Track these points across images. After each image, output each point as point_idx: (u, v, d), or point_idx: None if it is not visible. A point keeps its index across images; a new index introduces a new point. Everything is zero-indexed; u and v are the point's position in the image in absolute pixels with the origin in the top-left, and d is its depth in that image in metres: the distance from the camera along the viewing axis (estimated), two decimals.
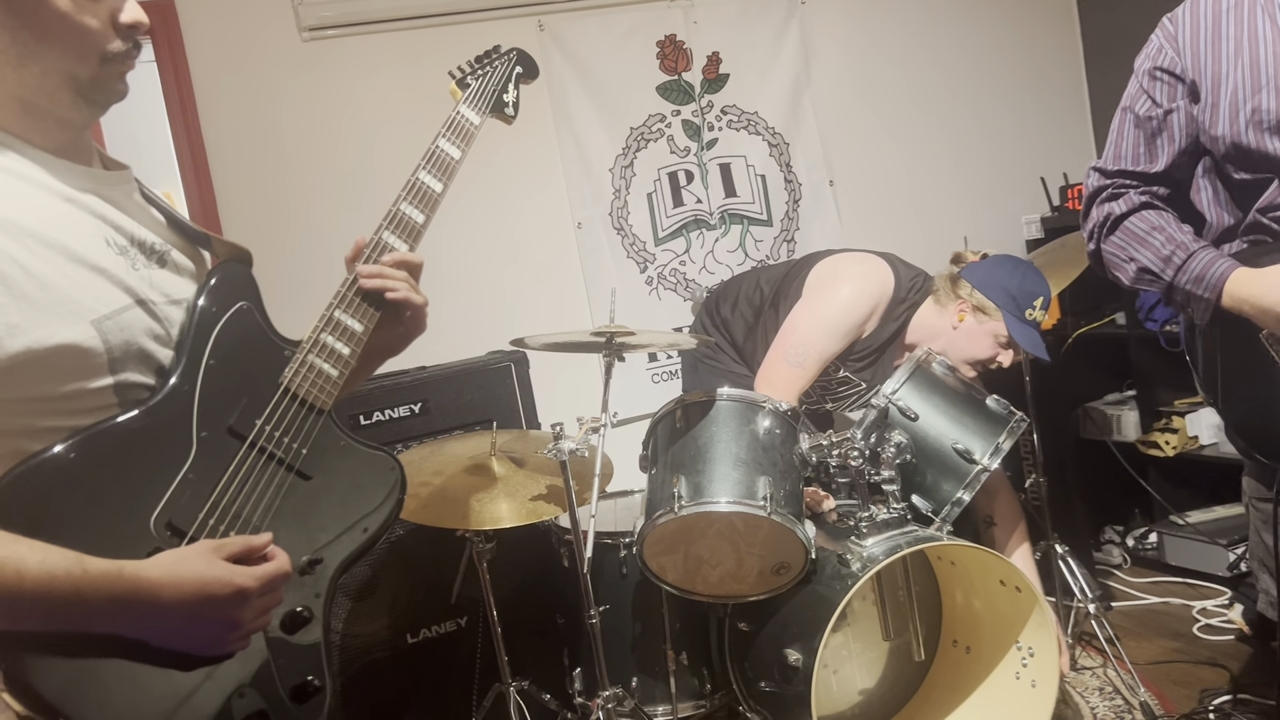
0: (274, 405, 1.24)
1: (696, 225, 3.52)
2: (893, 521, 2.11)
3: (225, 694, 1.13)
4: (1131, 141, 1.76)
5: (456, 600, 2.49)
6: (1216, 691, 2.53)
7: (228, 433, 1.20)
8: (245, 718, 1.13)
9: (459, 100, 1.54)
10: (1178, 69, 1.69)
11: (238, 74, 3.03)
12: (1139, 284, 1.75)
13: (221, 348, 1.22)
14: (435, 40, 3.21)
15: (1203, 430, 3.35)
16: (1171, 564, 3.35)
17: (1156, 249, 1.70)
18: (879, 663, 2.34)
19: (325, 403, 1.27)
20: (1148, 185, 1.75)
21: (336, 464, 1.29)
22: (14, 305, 1.04)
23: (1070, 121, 4.06)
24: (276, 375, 1.25)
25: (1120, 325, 3.50)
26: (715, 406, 2.14)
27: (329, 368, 1.28)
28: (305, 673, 1.19)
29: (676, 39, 3.48)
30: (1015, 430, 2.23)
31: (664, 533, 2.06)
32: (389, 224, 1.38)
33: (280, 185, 3.07)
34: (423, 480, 2.20)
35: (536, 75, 1.66)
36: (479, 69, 1.60)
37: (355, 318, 1.32)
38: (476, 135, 1.53)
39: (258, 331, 1.28)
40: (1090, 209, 1.81)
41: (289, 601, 1.20)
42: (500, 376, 2.71)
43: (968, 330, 2.43)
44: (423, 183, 1.42)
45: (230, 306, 1.25)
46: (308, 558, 1.23)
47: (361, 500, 1.31)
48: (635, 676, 2.33)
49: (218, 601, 1.07)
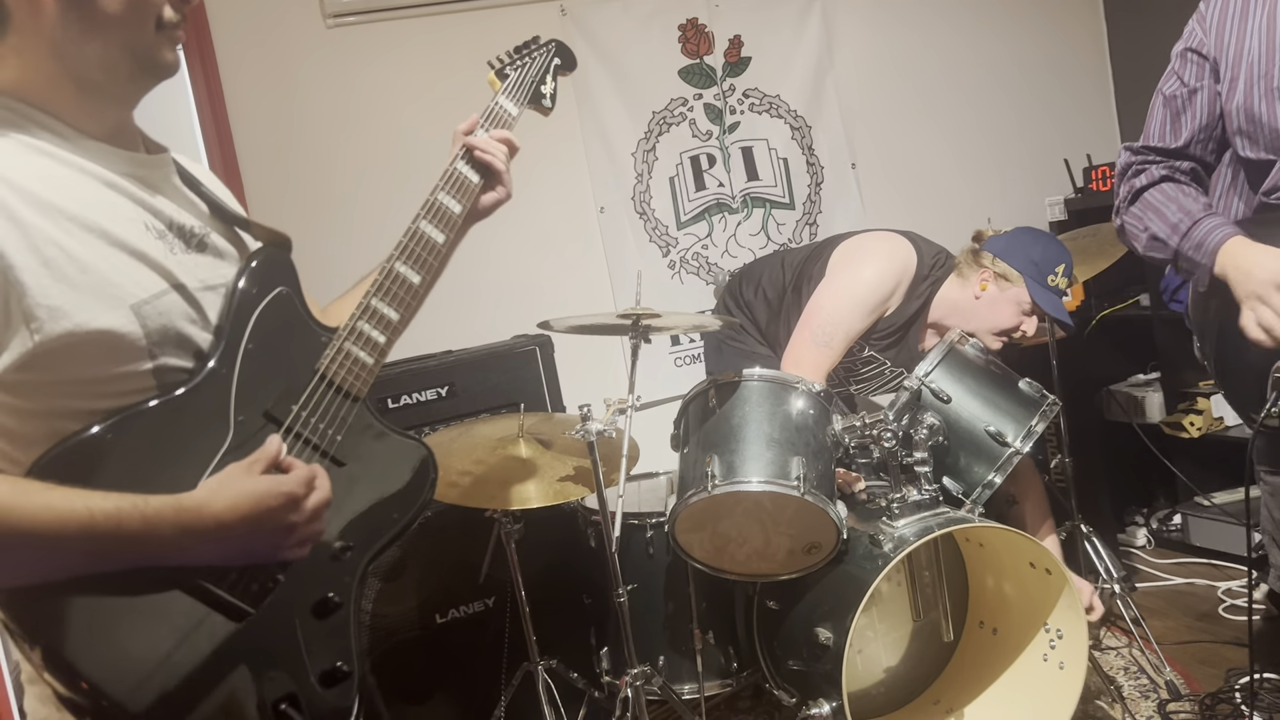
0: (310, 391, 1.24)
1: (719, 209, 3.52)
2: (925, 503, 2.11)
3: (258, 677, 1.13)
4: (1159, 120, 1.83)
5: (484, 580, 2.51)
6: (1242, 671, 2.53)
7: (264, 417, 1.20)
8: (276, 700, 1.14)
9: (497, 90, 1.54)
10: (1205, 49, 1.76)
11: (263, 61, 3.05)
12: (1150, 252, 1.80)
13: (260, 332, 1.22)
14: (458, 26, 3.21)
15: (1228, 411, 3.34)
16: (1196, 545, 3.34)
17: (1167, 217, 1.75)
18: (903, 643, 2.35)
19: (361, 390, 1.28)
20: (1170, 160, 1.81)
21: (370, 451, 1.29)
22: (56, 288, 1.05)
23: (1094, 101, 4.03)
24: (313, 361, 1.25)
25: (1144, 307, 3.49)
26: (748, 387, 2.14)
27: (365, 355, 1.28)
28: (335, 658, 1.20)
29: (698, 22, 3.47)
30: (1048, 413, 2.23)
31: (693, 511, 2.08)
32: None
33: (306, 171, 3.08)
34: (458, 465, 2.21)
35: (575, 67, 1.66)
36: (518, 59, 1.60)
37: (392, 306, 1.32)
38: (514, 126, 1.55)
39: (296, 317, 1.28)
40: (1118, 185, 1.88)
41: (320, 587, 1.21)
42: (526, 360, 2.72)
43: (990, 299, 2.43)
44: (464, 175, 1.46)
45: (269, 291, 1.25)
46: (340, 544, 1.24)
47: (394, 488, 1.32)
48: (662, 655, 2.34)
49: (274, 510, 1.11)
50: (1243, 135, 1.70)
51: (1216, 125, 1.77)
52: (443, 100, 3.11)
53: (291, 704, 1.15)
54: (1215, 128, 1.77)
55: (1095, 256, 2.87)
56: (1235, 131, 1.72)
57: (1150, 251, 1.80)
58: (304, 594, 1.19)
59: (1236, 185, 1.78)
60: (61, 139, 1.12)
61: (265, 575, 1.16)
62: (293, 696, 1.15)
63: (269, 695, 1.13)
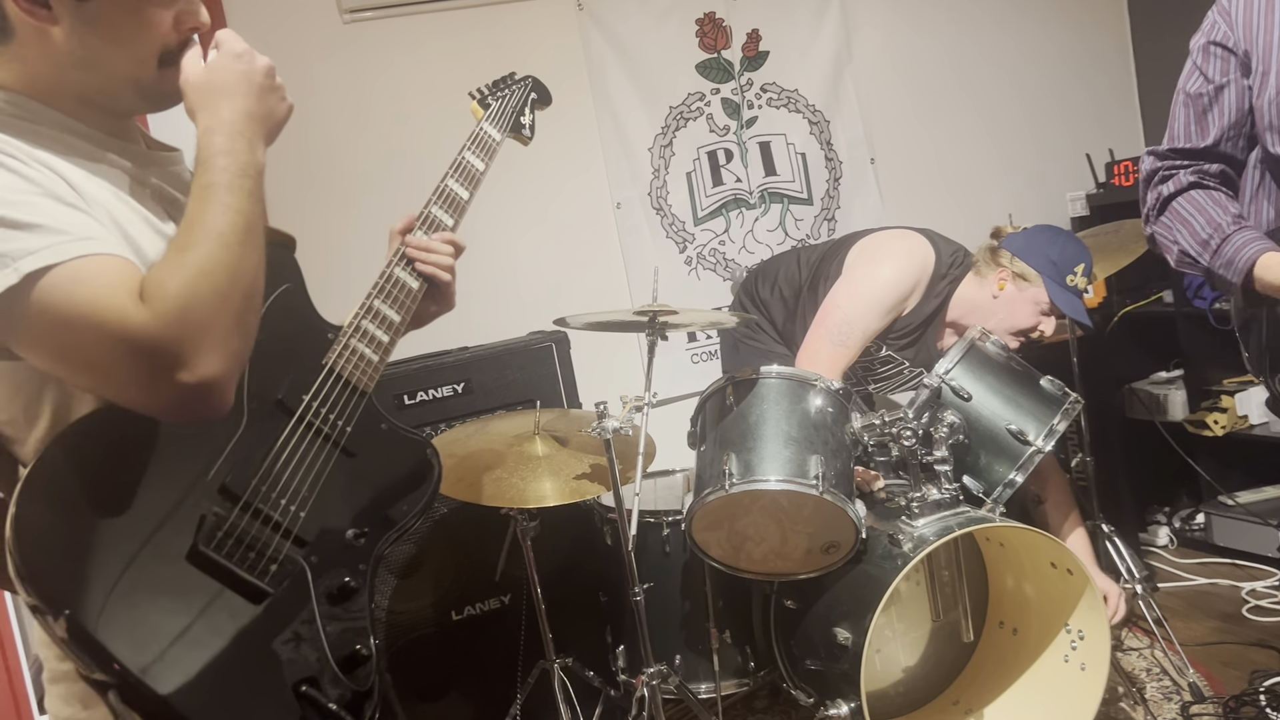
0: (320, 384, 1.27)
1: (736, 204, 3.50)
2: (945, 502, 2.08)
3: (278, 659, 1.15)
4: (1183, 120, 1.74)
5: (500, 578, 2.51)
6: (1267, 673, 2.50)
7: (276, 405, 1.23)
8: (297, 681, 1.15)
9: (480, 118, 1.64)
10: (1230, 42, 1.68)
11: (279, 56, 2.98)
12: (1182, 267, 1.74)
13: (267, 326, 1.23)
14: (475, 22, 3.21)
15: (1253, 410, 3.29)
16: (1219, 545, 3.30)
17: (1195, 231, 1.68)
18: (922, 642, 2.33)
19: (367, 385, 1.32)
20: (1197, 163, 1.73)
21: (378, 444, 1.34)
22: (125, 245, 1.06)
23: (1116, 96, 3.99)
24: (319, 356, 1.30)
25: (1167, 304, 3.44)
26: (766, 384, 2.12)
27: (370, 352, 1.33)
28: (353, 642, 1.22)
29: (715, 16, 3.45)
30: (1070, 412, 2.20)
31: (710, 509, 2.06)
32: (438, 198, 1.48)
33: (322, 167, 3.08)
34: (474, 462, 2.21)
35: (549, 102, 1.77)
36: (497, 91, 1.70)
37: (393, 308, 1.38)
38: (498, 150, 1.61)
39: (301, 313, 1.33)
40: (1145, 193, 1.79)
41: (338, 574, 1.23)
42: (542, 356, 2.72)
43: (1008, 299, 2.41)
44: (453, 191, 1.51)
45: (275, 288, 1.28)
46: (353, 531, 1.27)
47: (401, 480, 1.36)
48: (678, 654, 2.33)
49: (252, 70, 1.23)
50: (1273, 131, 1.63)
51: (1246, 121, 1.69)
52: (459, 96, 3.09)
53: (313, 685, 1.16)
54: (1245, 124, 1.69)
55: (1117, 253, 2.84)
56: (1266, 127, 1.64)
57: (1183, 268, 1.74)
58: (321, 578, 1.21)
59: (1265, 187, 1.71)
60: (71, 133, 1.13)
61: (284, 558, 1.17)
62: (314, 679, 1.17)
63: (290, 677, 1.15)
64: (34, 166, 1.03)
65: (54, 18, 1.07)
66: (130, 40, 1.11)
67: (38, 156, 1.05)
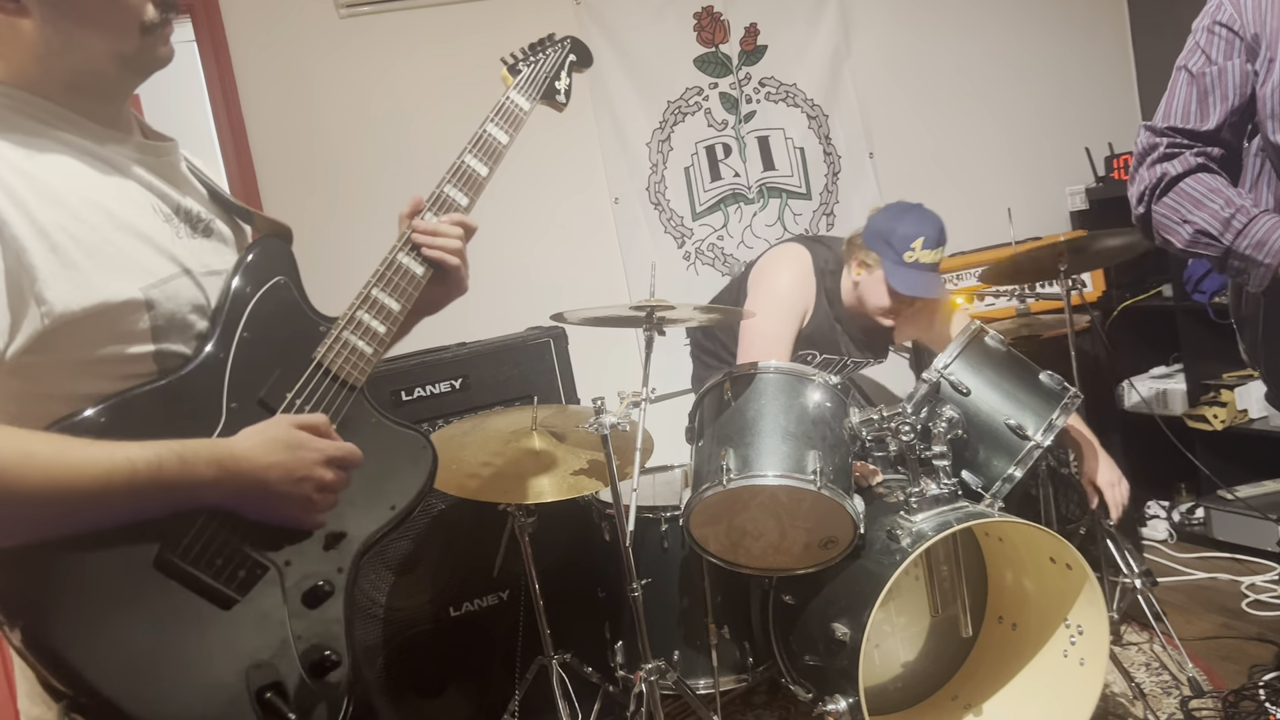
0: (305, 379, 1.24)
1: (734, 199, 3.49)
2: (943, 497, 2.08)
3: (242, 666, 1.13)
4: (1183, 99, 1.69)
5: (498, 574, 2.51)
6: (1266, 667, 2.49)
7: (258, 404, 1.20)
8: (261, 689, 1.12)
9: (509, 86, 1.53)
10: (1236, 25, 1.64)
11: (276, 51, 3.04)
12: (1194, 247, 1.68)
13: (257, 321, 1.22)
14: (472, 16, 3.20)
15: (1252, 403, 3.29)
16: (1219, 539, 3.30)
17: (1215, 211, 1.63)
18: (920, 637, 2.32)
19: (358, 379, 1.28)
20: (1200, 144, 1.69)
21: (367, 441, 1.27)
22: (65, 272, 1.05)
23: (1115, 89, 3.97)
24: (310, 350, 1.26)
25: (1167, 298, 3.44)
26: (764, 379, 2.12)
27: (364, 345, 1.28)
28: (324, 647, 1.19)
29: (713, 10, 3.44)
30: (1069, 406, 2.20)
31: (708, 504, 2.06)
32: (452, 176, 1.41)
33: (320, 162, 3.08)
34: (471, 459, 2.20)
35: (590, 64, 1.66)
36: (531, 56, 1.59)
37: (393, 297, 1.32)
38: (525, 121, 1.52)
39: (293, 306, 1.28)
40: (1139, 170, 1.74)
41: (310, 575, 1.20)
42: (539, 352, 2.71)
43: (866, 284, 2.50)
44: (470, 168, 1.42)
45: (267, 281, 1.26)
46: (332, 531, 1.23)
47: (390, 478, 1.31)
48: (677, 650, 2.33)
49: (304, 462, 1.13)
50: (1275, 119, 1.60)
51: (1248, 107, 1.65)
52: (456, 90, 3.10)
53: (277, 693, 1.13)
54: (1246, 110, 1.65)
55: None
56: (1269, 115, 1.61)
57: (1194, 248, 1.67)
58: (294, 582, 1.19)
59: (1266, 175, 1.68)
60: (66, 124, 1.13)
61: (252, 563, 1.15)
62: (279, 685, 1.14)
63: (254, 684, 1.12)
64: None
65: (23, 9, 1.07)
66: (102, 16, 1.10)
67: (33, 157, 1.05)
